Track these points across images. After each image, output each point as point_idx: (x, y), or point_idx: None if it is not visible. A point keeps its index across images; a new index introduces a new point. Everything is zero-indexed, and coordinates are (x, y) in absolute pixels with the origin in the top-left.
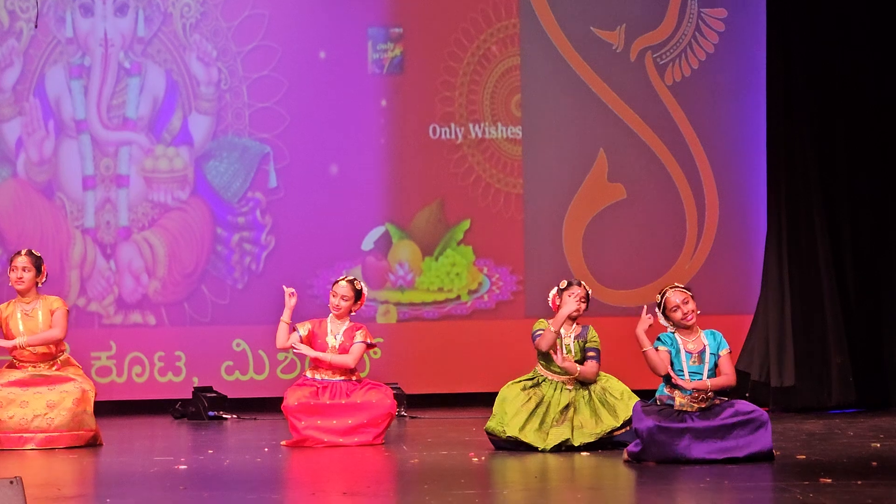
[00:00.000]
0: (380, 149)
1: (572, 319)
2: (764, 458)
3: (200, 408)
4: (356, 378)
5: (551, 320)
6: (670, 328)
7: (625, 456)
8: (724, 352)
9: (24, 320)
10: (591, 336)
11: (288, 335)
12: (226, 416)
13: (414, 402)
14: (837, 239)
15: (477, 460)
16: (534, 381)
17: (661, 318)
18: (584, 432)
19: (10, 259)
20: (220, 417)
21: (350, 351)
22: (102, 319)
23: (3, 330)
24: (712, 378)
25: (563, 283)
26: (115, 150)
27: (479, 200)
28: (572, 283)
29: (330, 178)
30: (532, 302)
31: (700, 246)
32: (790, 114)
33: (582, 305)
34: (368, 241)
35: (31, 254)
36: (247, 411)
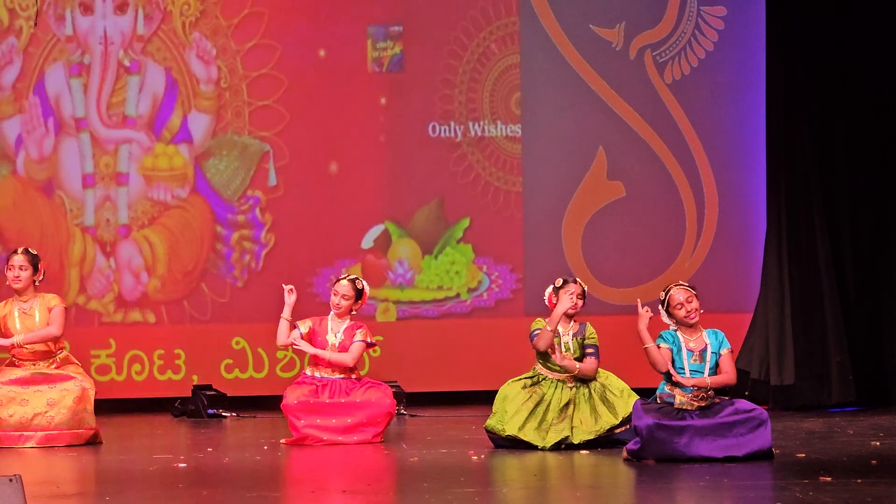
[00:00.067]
0: (379, 147)
1: (569, 317)
2: (763, 456)
3: (200, 406)
4: (356, 376)
5: (548, 319)
6: (673, 326)
7: (624, 454)
8: (726, 351)
9: (22, 319)
10: (589, 333)
11: (289, 332)
12: (225, 414)
13: (413, 400)
14: (837, 237)
15: (476, 458)
16: (534, 379)
17: (664, 315)
18: (583, 430)
19: (7, 258)
20: (219, 415)
21: (349, 349)
22: (102, 317)
23: (1, 329)
24: (713, 376)
25: (558, 281)
26: (115, 148)
27: (479, 198)
28: (568, 280)
29: (329, 176)
30: (531, 300)
31: (699, 244)
32: (790, 112)
33: (579, 302)
34: (368, 239)
35: (27, 252)
36: (246, 409)
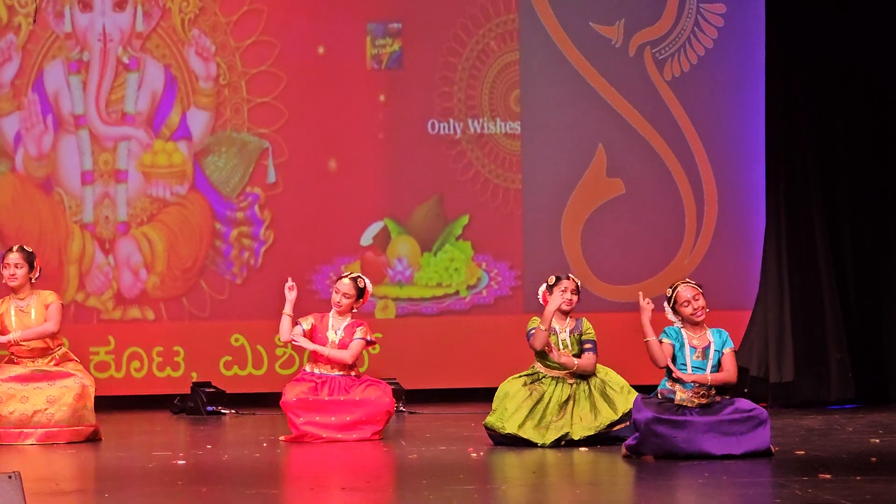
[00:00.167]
0: (378, 144)
1: (565, 314)
2: (762, 454)
3: (199, 403)
4: (355, 374)
5: (540, 318)
6: (677, 323)
7: (623, 451)
8: (728, 350)
9: (18, 316)
10: (586, 328)
11: (290, 328)
12: (224, 411)
13: (412, 397)
14: (836, 234)
15: (475, 456)
16: (534, 376)
17: (669, 312)
18: (583, 426)
19: (3, 256)
20: (218, 412)
21: (349, 347)
22: (101, 314)
23: None
24: (713, 373)
25: (551, 279)
26: (114, 145)
27: (478, 196)
28: (561, 277)
29: (328, 173)
30: (531, 297)
31: (699, 241)
32: (789, 109)
33: (573, 298)
34: (367, 236)
35: (23, 250)
36: (245, 406)
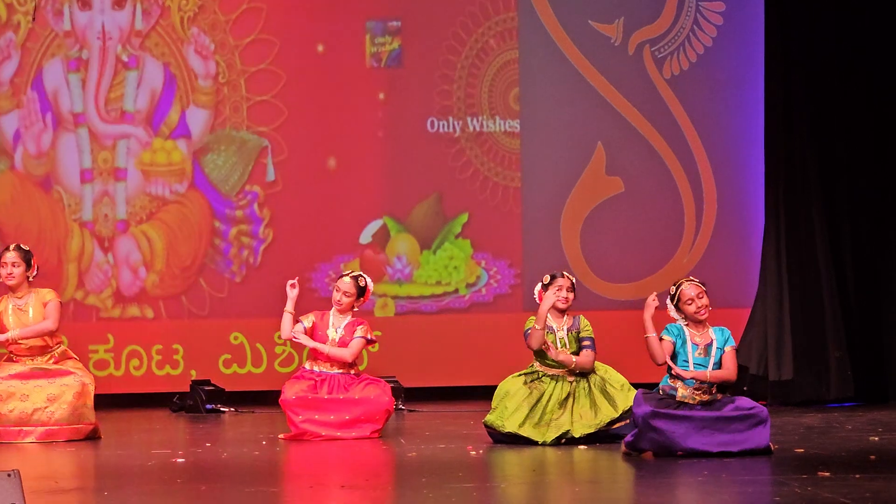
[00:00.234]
0: (378, 142)
1: (561, 311)
2: (761, 453)
3: (198, 401)
4: (355, 372)
5: (535, 318)
6: (680, 320)
7: (623, 448)
8: (729, 348)
9: (16, 315)
10: (584, 325)
11: (292, 326)
12: (223, 409)
13: (412, 395)
14: (836, 232)
15: (475, 454)
16: (534, 375)
17: (671, 309)
18: (583, 423)
19: None
20: (217, 411)
21: (349, 345)
22: (100, 313)
23: None
24: (713, 371)
25: (546, 277)
26: (113, 144)
27: (477, 194)
28: (556, 275)
29: (328, 171)
30: (530, 295)
31: (698, 239)
32: (788, 107)
33: (570, 296)
34: (366, 234)
35: (19, 248)
36: (244, 404)
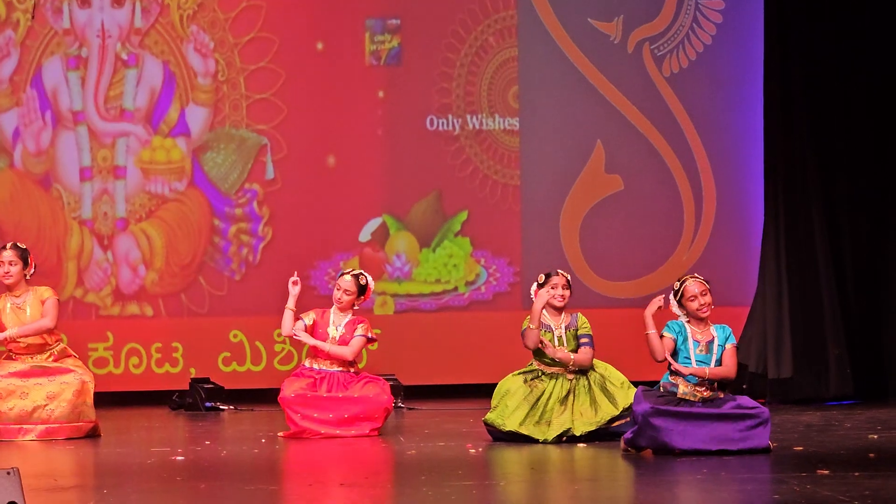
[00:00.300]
0: (377, 140)
1: (558, 309)
2: (760, 452)
3: (197, 399)
4: (354, 370)
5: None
6: (682, 317)
7: (622, 446)
8: (730, 345)
9: (14, 313)
10: (582, 323)
11: (293, 323)
12: (223, 407)
13: (411, 393)
14: (835, 230)
15: (474, 451)
16: (534, 373)
17: (674, 305)
18: (584, 421)
19: None
20: (217, 408)
21: (349, 343)
22: (99, 310)
23: None
24: (711, 367)
25: (540, 277)
26: (113, 142)
27: (477, 192)
28: (551, 274)
29: (327, 169)
30: (529, 294)
31: (697, 237)
32: (788, 105)
33: (565, 293)
34: (366, 232)
35: (16, 247)
36: (244, 402)
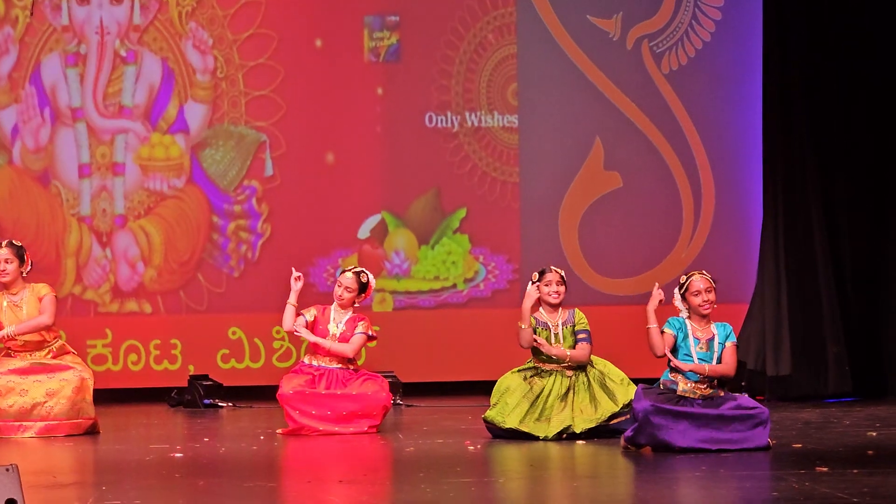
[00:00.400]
0: (376, 137)
1: (553, 306)
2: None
3: (196, 396)
4: (353, 367)
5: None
6: (684, 312)
7: (622, 443)
8: (730, 343)
9: (11, 310)
10: (579, 319)
11: (294, 318)
12: (221, 404)
13: (410, 390)
14: (834, 228)
15: (473, 448)
16: (534, 370)
17: (677, 298)
18: (584, 418)
19: None
20: (215, 405)
21: (350, 341)
22: (98, 307)
23: None
24: (711, 365)
25: (534, 275)
26: (111, 138)
27: (476, 189)
28: (545, 270)
29: (326, 166)
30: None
31: (696, 234)
32: (786, 102)
33: (560, 289)
34: (364, 229)
35: (11, 245)
36: (242, 399)
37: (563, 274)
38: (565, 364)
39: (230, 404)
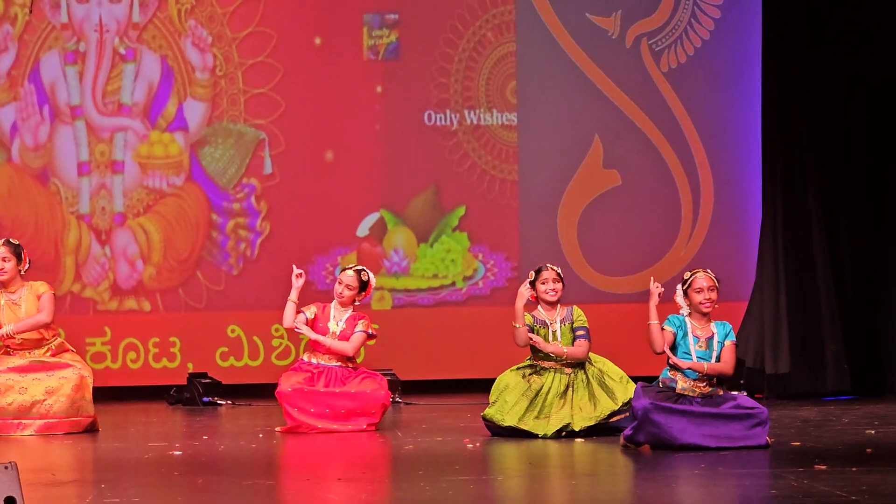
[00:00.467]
0: (375, 135)
1: (551, 304)
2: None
3: (195, 394)
4: (352, 365)
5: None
6: (684, 309)
7: (621, 441)
8: (729, 342)
9: (10, 309)
10: (577, 316)
11: (294, 315)
12: (220, 402)
13: (408, 388)
14: (833, 225)
15: (472, 446)
16: (533, 368)
17: (679, 294)
18: (583, 416)
19: None
20: (214, 403)
21: (350, 339)
22: (97, 305)
23: None
24: (709, 363)
25: (531, 274)
26: (110, 136)
27: (475, 187)
28: (541, 268)
29: (325, 164)
30: None
31: (695, 233)
32: (785, 101)
33: (557, 286)
34: (363, 227)
35: (8, 243)
36: (241, 397)
37: (559, 271)
38: (563, 361)
39: (229, 402)
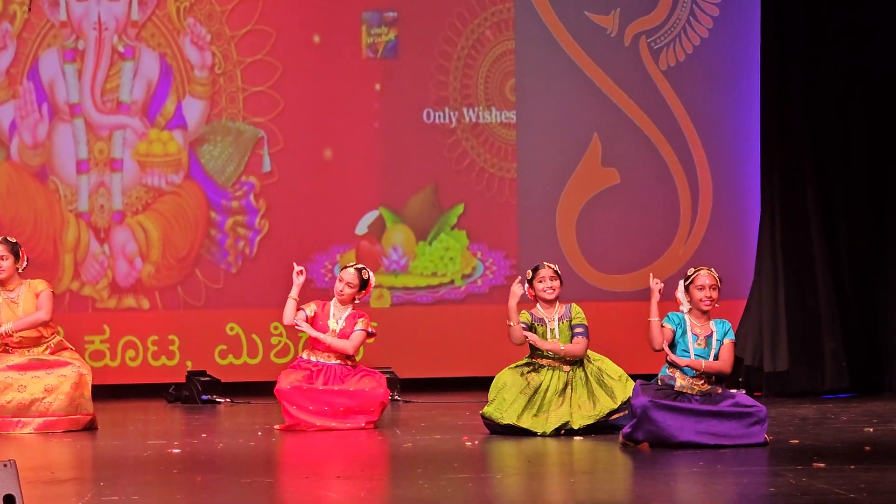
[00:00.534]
0: (374, 133)
1: (549, 301)
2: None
3: (194, 392)
4: (352, 363)
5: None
6: (684, 306)
7: (620, 438)
8: (728, 340)
9: (8, 307)
10: (576, 313)
11: (295, 313)
12: (219, 399)
13: (407, 386)
14: (831, 224)
15: (470, 444)
16: (531, 365)
17: (680, 289)
18: (582, 414)
19: None
20: (213, 401)
21: (350, 337)
22: (96, 303)
23: None
24: (707, 361)
25: (528, 273)
26: (109, 134)
27: (473, 185)
28: (538, 267)
29: (324, 162)
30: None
31: (693, 231)
32: (784, 98)
33: (554, 284)
34: (362, 225)
35: (6, 241)
36: (240, 395)
37: (557, 269)
38: (561, 358)
39: (228, 400)
